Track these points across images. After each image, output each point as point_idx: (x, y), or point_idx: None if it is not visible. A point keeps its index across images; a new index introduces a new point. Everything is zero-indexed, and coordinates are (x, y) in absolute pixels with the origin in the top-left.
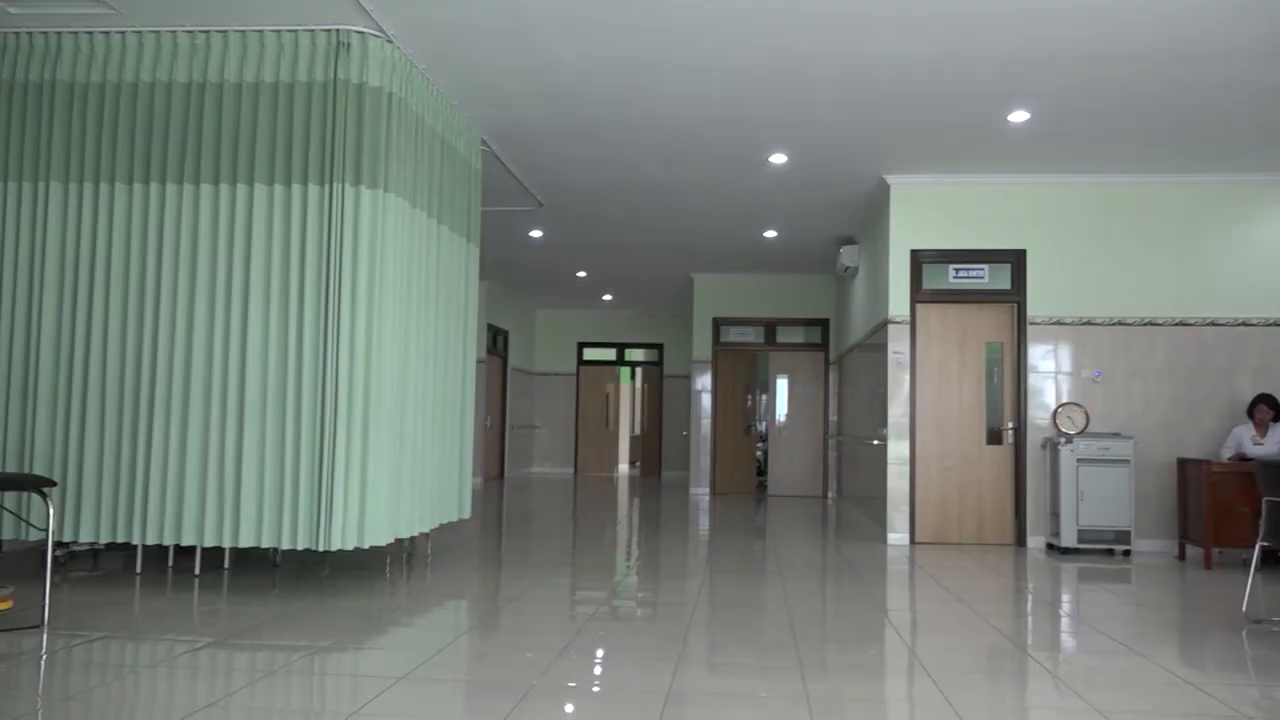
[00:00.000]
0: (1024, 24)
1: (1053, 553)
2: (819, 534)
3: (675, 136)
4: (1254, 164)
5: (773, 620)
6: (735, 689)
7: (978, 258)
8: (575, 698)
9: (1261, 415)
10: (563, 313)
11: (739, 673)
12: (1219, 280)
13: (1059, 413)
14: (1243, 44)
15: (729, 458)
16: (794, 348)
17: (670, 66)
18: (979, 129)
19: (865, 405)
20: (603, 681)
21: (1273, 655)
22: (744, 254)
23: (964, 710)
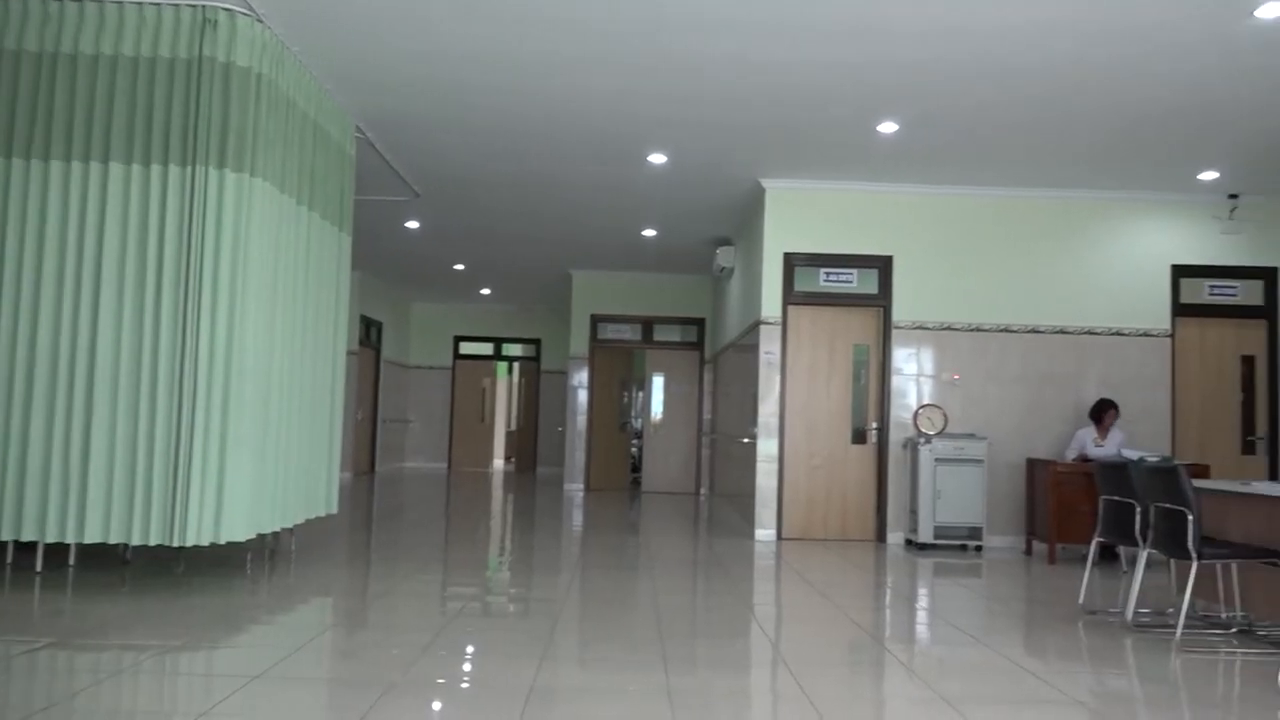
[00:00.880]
0: (894, 39)
1: (911, 548)
2: (690, 530)
3: (556, 133)
4: (1105, 181)
5: (641, 615)
6: (599, 684)
7: (847, 262)
8: (437, 694)
9: (1102, 419)
10: (439, 306)
11: (604, 668)
12: (1068, 291)
13: (920, 414)
14: (1097, 67)
15: (604, 454)
16: (670, 346)
17: (554, 62)
18: (851, 138)
19: (738, 404)
20: (466, 677)
21: (1106, 645)
22: (623, 252)
23: (820, 702)
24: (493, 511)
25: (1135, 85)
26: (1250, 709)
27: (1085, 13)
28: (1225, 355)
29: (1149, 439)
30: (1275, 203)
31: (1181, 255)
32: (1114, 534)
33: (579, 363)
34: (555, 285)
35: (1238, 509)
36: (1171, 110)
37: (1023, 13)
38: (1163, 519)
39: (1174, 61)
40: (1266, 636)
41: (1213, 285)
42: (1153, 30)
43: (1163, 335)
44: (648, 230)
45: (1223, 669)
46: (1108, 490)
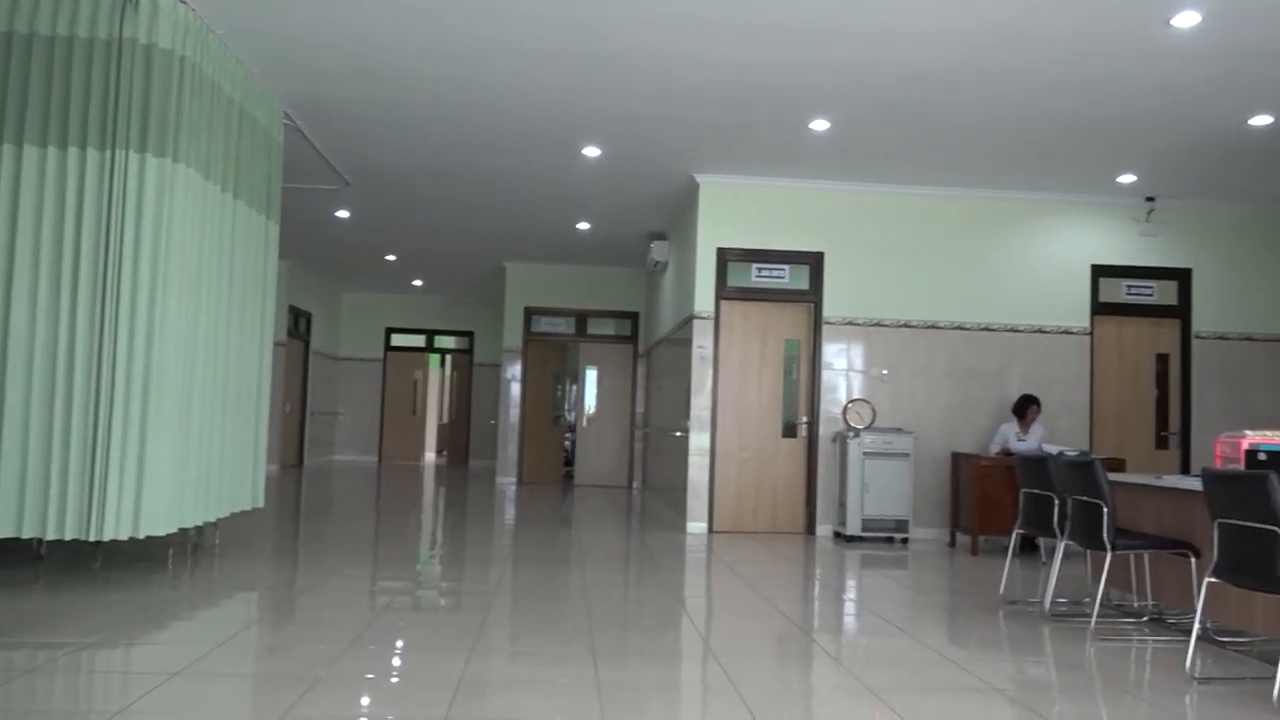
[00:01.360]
0: (829, 39)
1: (839, 541)
2: (622, 523)
3: (489, 124)
4: (1029, 182)
5: (571, 608)
6: (529, 676)
7: (780, 258)
8: (364, 688)
9: (1024, 414)
10: (370, 296)
11: (533, 661)
12: (993, 289)
13: (849, 408)
14: (1025, 72)
15: (537, 447)
16: (604, 339)
17: (486, 54)
18: (784, 134)
19: (670, 398)
20: (394, 671)
21: (1025, 634)
22: (557, 245)
23: (748, 693)
24: (424, 505)
25: (1058, 90)
26: (1160, 694)
27: (1010, 19)
28: (1141, 353)
29: (1069, 434)
30: (1190, 206)
31: (1101, 255)
32: (1034, 526)
33: (512, 355)
34: (489, 277)
35: (1150, 502)
36: (1092, 115)
37: (950, 18)
38: (1080, 511)
39: (1095, 67)
40: (1176, 624)
41: (1130, 285)
42: (1074, 37)
43: (1082, 333)
44: (582, 223)
45: (1135, 656)
46: (1028, 484)
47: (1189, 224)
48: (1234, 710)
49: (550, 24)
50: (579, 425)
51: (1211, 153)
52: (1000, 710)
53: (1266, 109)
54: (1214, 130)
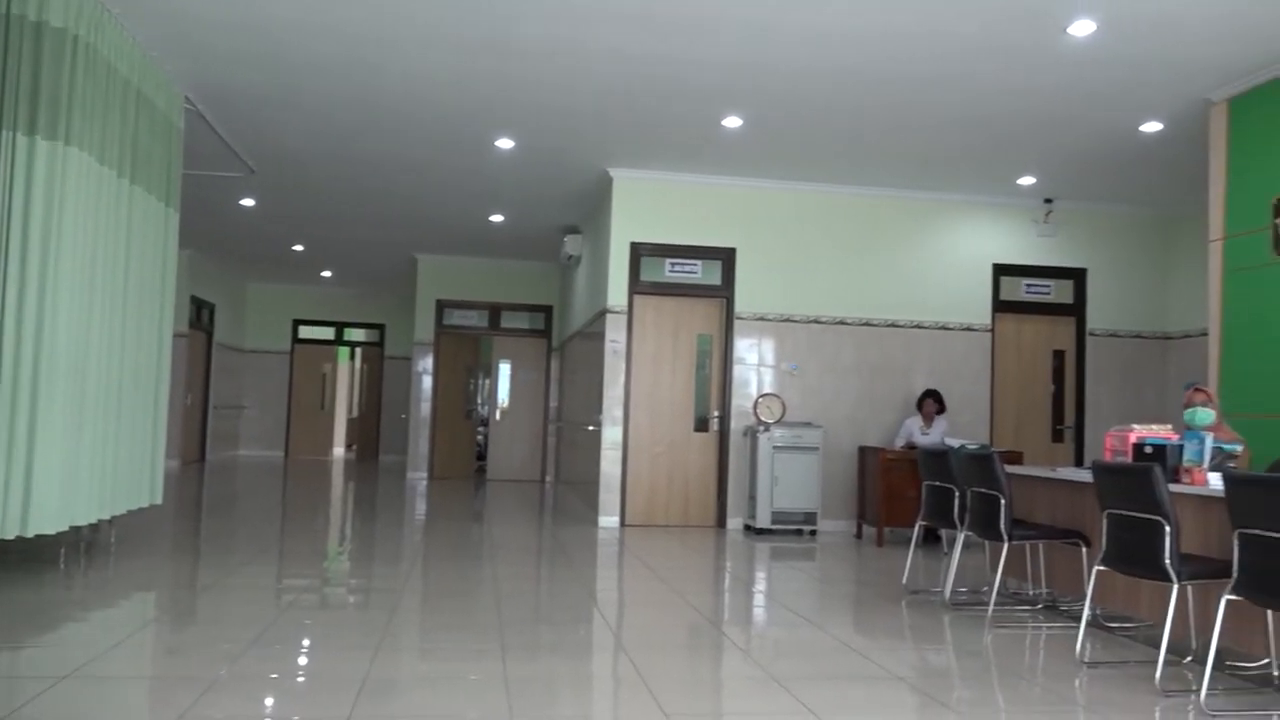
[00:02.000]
0: (740, 35)
1: (749, 533)
2: (535, 518)
3: (399, 113)
4: (935, 183)
5: (481, 604)
6: (436, 673)
7: (692, 254)
8: (264, 689)
9: (928, 409)
10: (277, 288)
11: (441, 657)
12: (900, 286)
13: (759, 403)
14: (930, 76)
15: (449, 442)
16: (518, 333)
17: (394, 40)
18: (696, 130)
19: (584, 392)
20: (296, 671)
21: (927, 622)
22: (470, 237)
23: (656, 685)
24: (332, 500)
25: (960, 93)
26: (1051, 678)
27: (913, 24)
28: (1039, 350)
29: (971, 428)
30: (1086, 208)
31: (1002, 255)
32: (935, 517)
33: (424, 349)
34: (400, 269)
35: (1045, 493)
36: (994, 118)
37: (858, 20)
38: (978, 503)
39: (995, 72)
40: (1068, 611)
41: (1029, 284)
42: (976, 43)
43: (984, 330)
44: (495, 215)
45: (1029, 642)
46: (929, 476)
47: (1084, 225)
48: (1119, 692)
49: (459, 12)
50: (492, 419)
51: (1106, 157)
52: (902, 697)
53: (1157, 116)
54: (1108, 135)
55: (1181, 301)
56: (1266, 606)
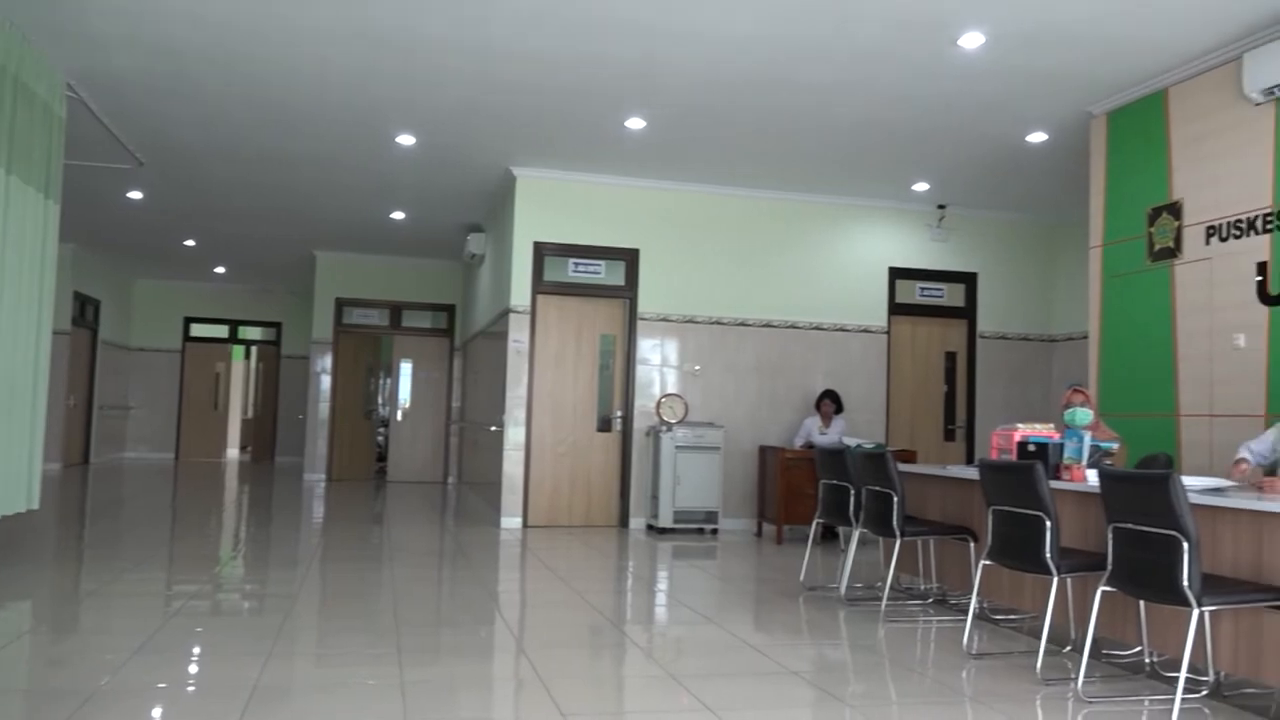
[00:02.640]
0: (644, 38)
1: (652, 533)
2: (436, 519)
3: (296, 107)
4: (834, 187)
5: (379, 607)
6: (329, 679)
7: (596, 254)
8: (148, 699)
9: (826, 408)
10: (167, 284)
11: (335, 662)
12: (800, 288)
13: (662, 403)
14: (828, 82)
15: (348, 443)
16: (420, 332)
17: (291, 31)
18: (600, 131)
19: (486, 392)
20: (182, 679)
21: (823, 618)
22: (370, 234)
23: (555, 685)
24: (225, 503)
25: (857, 100)
26: (941, 670)
27: (813, 31)
28: (932, 351)
29: (867, 427)
30: (976, 214)
31: (898, 259)
32: (832, 515)
33: (322, 348)
34: (298, 266)
35: (937, 491)
36: (889, 125)
37: (759, 26)
38: (873, 501)
39: (890, 81)
40: (957, 605)
41: (923, 287)
42: (871, 51)
43: (880, 332)
44: (396, 213)
45: (920, 635)
46: (826, 475)
47: (975, 231)
48: (1003, 682)
49: (358, 6)
50: (393, 420)
51: (995, 165)
52: (798, 692)
53: (1042, 127)
54: (997, 144)
55: (1065, 305)
56: (1137, 597)
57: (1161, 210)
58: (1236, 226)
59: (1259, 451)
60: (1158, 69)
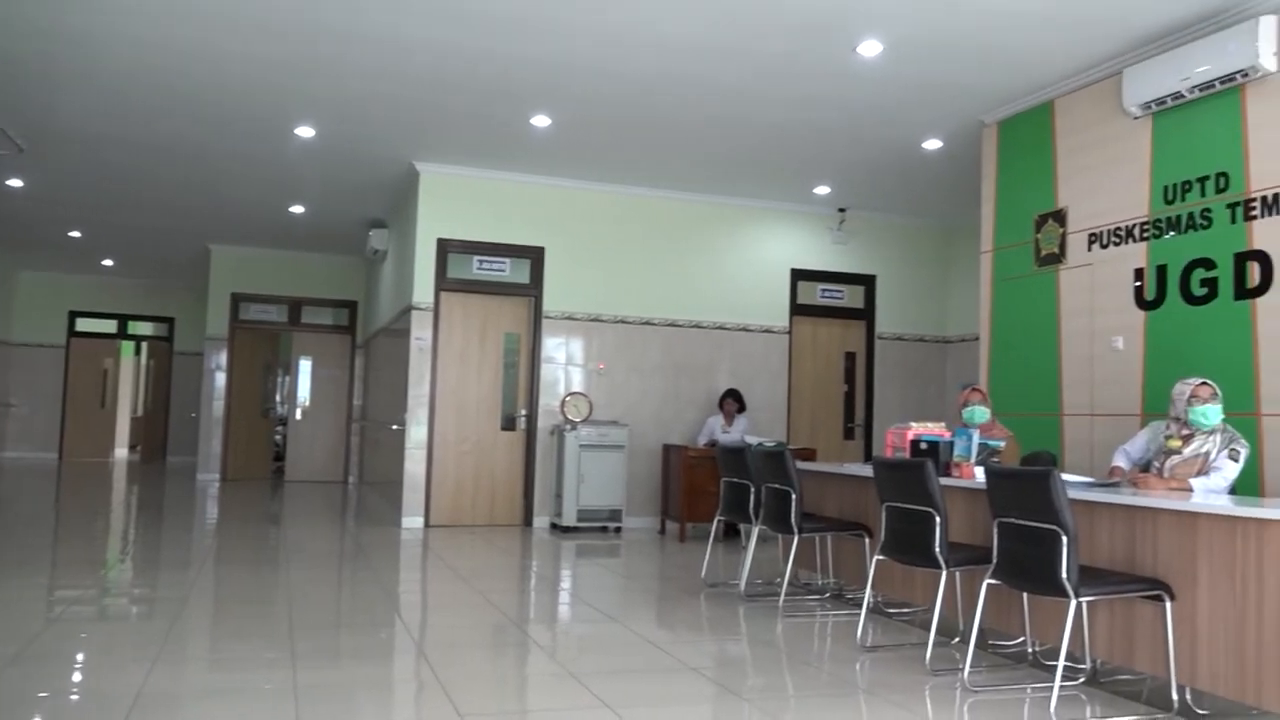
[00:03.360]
0: (551, 35)
1: (555, 531)
2: (335, 520)
3: (189, 93)
4: (738, 188)
5: (274, 611)
6: (219, 685)
7: (501, 251)
8: (23, 709)
9: (729, 407)
10: (51, 276)
11: (226, 668)
12: (704, 288)
13: (567, 401)
14: (731, 84)
15: (244, 442)
16: (320, 329)
17: (180, 12)
18: (506, 128)
19: (388, 390)
20: (63, 687)
21: (723, 614)
22: (268, 228)
23: (453, 686)
24: (112, 504)
25: (761, 104)
26: (835, 663)
27: (718, 34)
28: (832, 351)
29: (769, 425)
30: (875, 218)
31: (800, 260)
32: (733, 512)
33: (217, 344)
34: (192, 259)
35: (834, 488)
36: (792, 129)
37: (665, 27)
38: (772, 498)
39: (793, 85)
40: (852, 599)
41: (824, 289)
42: (775, 56)
43: (782, 332)
44: (296, 206)
45: (817, 629)
46: (727, 473)
47: (874, 234)
48: (894, 674)
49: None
50: (291, 418)
51: (893, 170)
52: (698, 688)
53: (937, 134)
54: (894, 150)
55: (959, 307)
56: (1020, 589)
57: (1048, 217)
58: (1116, 234)
59: (1133, 453)
60: (1045, 81)
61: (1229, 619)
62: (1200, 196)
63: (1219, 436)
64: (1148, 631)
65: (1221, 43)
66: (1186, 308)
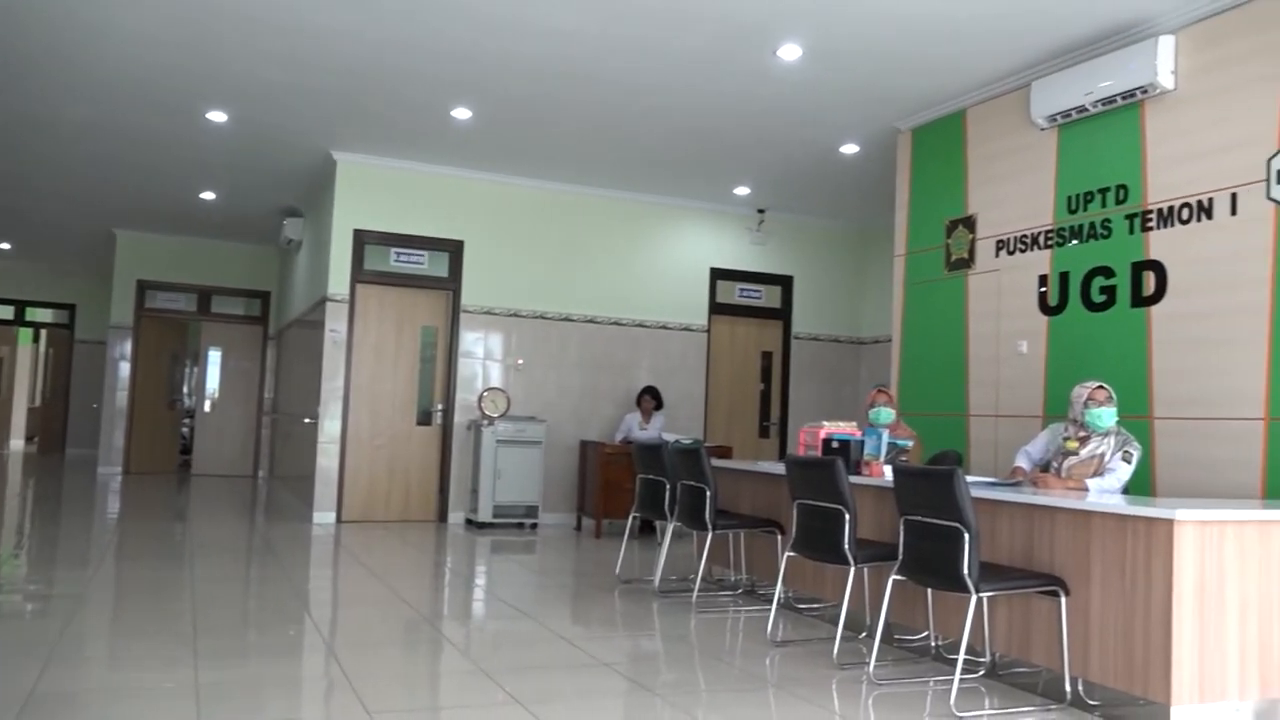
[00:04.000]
0: (473, 27)
1: (471, 527)
2: (244, 515)
3: (96, 73)
4: (659, 187)
5: (177, 608)
6: (115, 684)
7: (419, 244)
8: None
9: (646, 404)
10: None
11: (124, 666)
12: (624, 285)
13: (484, 397)
14: (653, 83)
15: (148, 434)
16: (231, 319)
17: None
18: (426, 120)
19: (301, 383)
20: None
21: (637, 610)
22: (178, 214)
23: (362, 684)
24: (6, 497)
25: (682, 103)
26: (746, 658)
27: (641, 33)
28: (750, 350)
29: (687, 423)
30: (793, 219)
31: (719, 260)
32: (648, 509)
33: (122, 333)
34: (95, 245)
35: (748, 485)
36: (713, 129)
37: (589, 24)
38: (687, 495)
39: (714, 86)
40: (764, 595)
41: (742, 288)
42: (696, 56)
43: (701, 330)
44: (207, 193)
45: (729, 625)
46: (643, 470)
47: (792, 235)
48: (803, 668)
49: None
50: (199, 410)
51: (811, 173)
52: (610, 683)
53: (854, 139)
54: (813, 153)
55: (874, 309)
56: (924, 585)
57: (958, 223)
58: (1022, 241)
59: (1033, 453)
60: (958, 91)
61: (1119, 613)
62: (1101, 207)
63: (1113, 439)
64: (1044, 626)
65: (1123, 60)
66: (1087, 314)
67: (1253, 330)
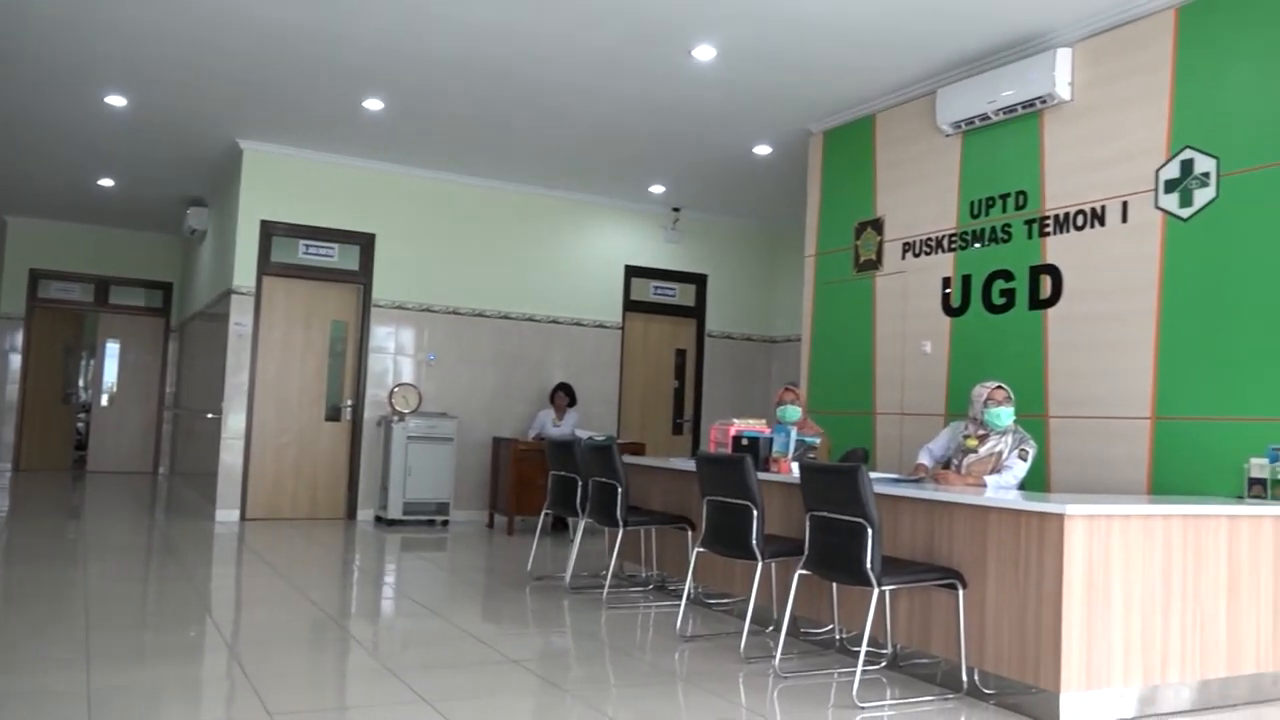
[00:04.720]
0: (388, 17)
1: (380, 525)
2: (142, 513)
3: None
4: (574, 183)
5: (69, 609)
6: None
7: (329, 236)
8: None
9: (560, 401)
10: None
11: (10, 669)
12: (538, 281)
13: (395, 392)
14: (567, 79)
15: (41, 429)
16: (131, 310)
17: None
18: (338, 110)
19: (205, 377)
20: None
21: (548, 607)
22: (74, 201)
23: (264, 685)
24: None
25: (597, 100)
26: (656, 653)
27: (556, 30)
28: (664, 348)
29: (601, 420)
30: (708, 218)
31: (634, 257)
32: (560, 506)
33: (12, 324)
34: None
35: (660, 482)
36: (628, 126)
37: (505, 20)
38: (599, 492)
39: (628, 84)
40: (675, 590)
41: (656, 286)
42: (611, 55)
43: (615, 328)
44: (105, 180)
45: (640, 621)
46: (556, 466)
47: (706, 234)
48: (711, 662)
49: None
50: (96, 405)
51: (724, 173)
52: (519, 680)
53: (767, 140)
54: (726, 154)
55: (785, 309)
56: (829, 579)
57: (866, 225)
58: (927, 244)
59: (935, 450)
60: (868, 95)
61: (1013, 605)
62: (1002, 212)
63: (1011, 437)
64: (943, 618)
65: (1024, 70)
66: (987, 315)
67: (1141, 333)
